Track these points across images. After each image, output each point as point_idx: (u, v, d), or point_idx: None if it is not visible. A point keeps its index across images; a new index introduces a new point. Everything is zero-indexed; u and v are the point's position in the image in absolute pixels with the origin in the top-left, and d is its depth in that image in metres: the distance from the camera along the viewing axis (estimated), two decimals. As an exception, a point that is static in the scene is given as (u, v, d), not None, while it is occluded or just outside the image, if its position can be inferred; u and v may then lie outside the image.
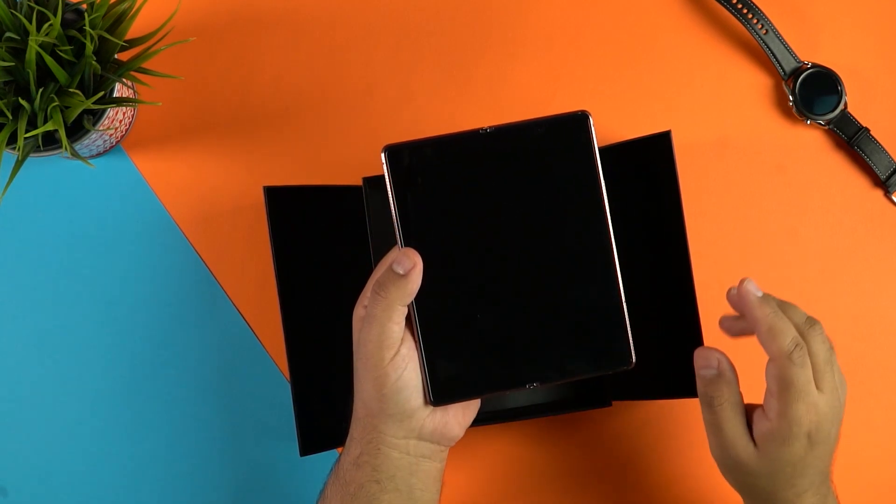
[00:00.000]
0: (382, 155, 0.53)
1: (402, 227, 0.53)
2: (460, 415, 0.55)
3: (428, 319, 0.53)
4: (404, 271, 0.52)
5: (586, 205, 0.54)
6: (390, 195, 0.53)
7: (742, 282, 0.54)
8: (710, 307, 0.67)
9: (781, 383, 0.52)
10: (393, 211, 0.53)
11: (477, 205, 0.54)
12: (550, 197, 0.54)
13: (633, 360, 0.55)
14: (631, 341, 0.55)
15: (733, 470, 0.55)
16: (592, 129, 0.54)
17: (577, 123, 0.54)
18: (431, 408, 0.53)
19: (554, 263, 0.54)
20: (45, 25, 0.55)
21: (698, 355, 0.55)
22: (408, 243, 0.53)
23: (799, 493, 0.53)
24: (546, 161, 0.54)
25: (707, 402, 0.54)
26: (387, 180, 0.53)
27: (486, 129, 0.54)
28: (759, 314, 0.53)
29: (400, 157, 0.53)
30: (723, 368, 0.54)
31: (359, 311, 0.54)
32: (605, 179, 0.54)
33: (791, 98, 0.68)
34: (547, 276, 0.54)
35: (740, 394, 0.54)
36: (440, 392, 0.53)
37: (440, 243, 0.54)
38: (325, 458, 0.64)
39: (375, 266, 0.63)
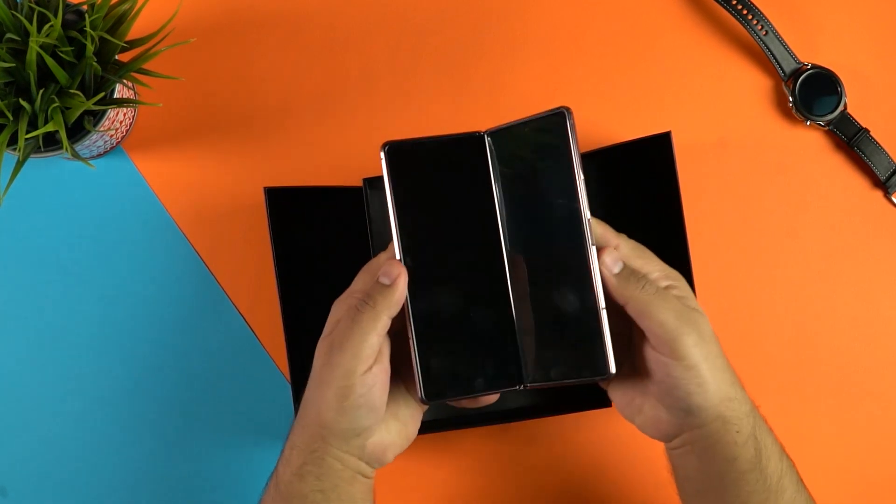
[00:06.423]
0: (382, 151, 0.53)
1: (398, 221, 0.53)
2: (397, 445, 0.55)
3: (421, 317, 0.53)
4: (390, 281, 0.51)
5: (566, 207, 0.52)
6: (387, 190, 0.53)
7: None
8: (710, 307, 0.67)
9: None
10: (390, 204, 0.53)
11: (471, 205, 0.54)
12: (537, 198, 0.53)
13: (612, 371, 0.52)
14: (609, 350, 0.51)
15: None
16: (570, 126, 0.52)
17: (555, 121, 0.52)
18: (375, 432, 0.53)
19: (539, 267, 0.53)
20: (46, 26, 0.55)
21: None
22: (403, 237, 0.53)
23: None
24: (532, 161, 0.53)
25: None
26: (385, 175, 0.53)
27: (482, 132, 0.54)
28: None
29: (399, 153, 0.53)
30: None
31: (338, 308, 0.54)
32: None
33: (791, 99, 0.68)
34: (533, 280, 0.53)
35: None
36: (431, 391, 0.53)
37: (434, 240, 0.53)
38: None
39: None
